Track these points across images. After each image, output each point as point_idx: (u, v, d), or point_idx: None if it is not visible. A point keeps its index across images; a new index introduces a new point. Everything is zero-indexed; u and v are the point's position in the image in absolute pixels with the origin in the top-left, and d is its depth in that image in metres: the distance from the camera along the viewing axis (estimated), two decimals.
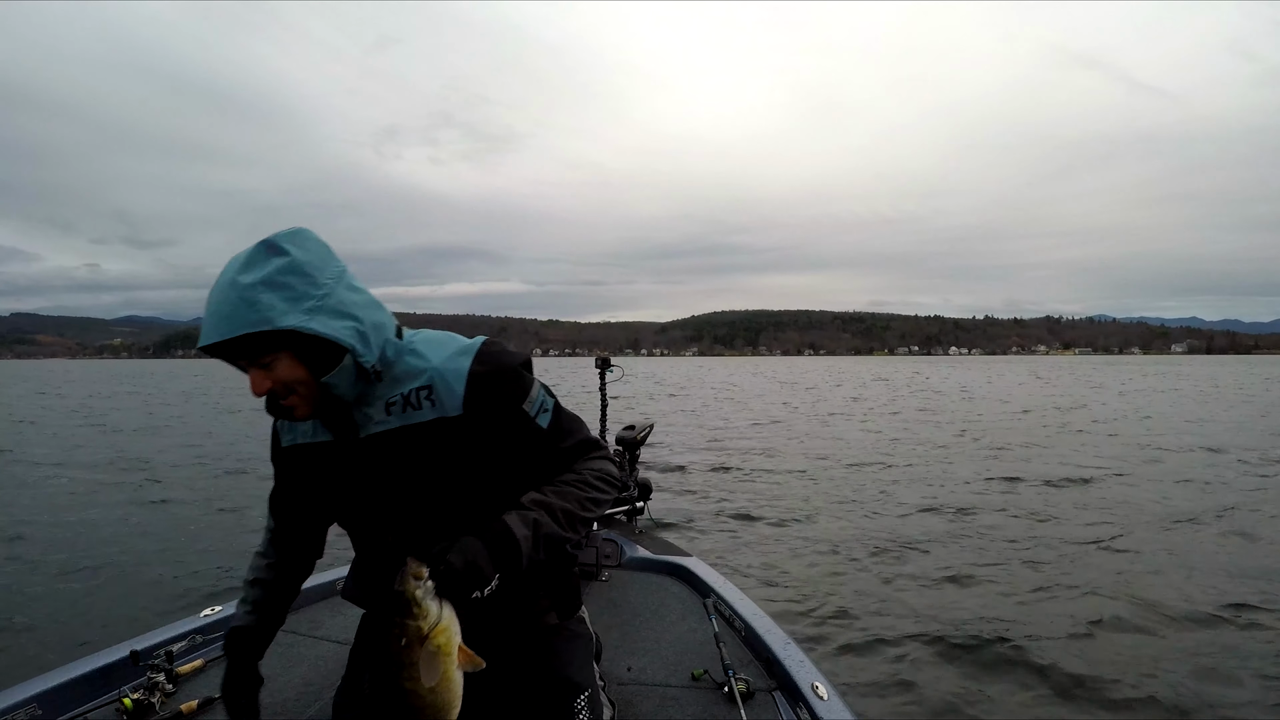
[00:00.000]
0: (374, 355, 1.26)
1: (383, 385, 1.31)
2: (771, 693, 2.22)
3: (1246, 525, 7.38)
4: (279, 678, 2.35)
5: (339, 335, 1.19)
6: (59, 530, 7.50)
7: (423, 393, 1.30)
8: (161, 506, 8.77)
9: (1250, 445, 13.72)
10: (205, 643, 2.51)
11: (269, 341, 1.17)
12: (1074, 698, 3.74)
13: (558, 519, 1.28)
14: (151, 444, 15.26)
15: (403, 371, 1.32)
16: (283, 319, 1.13)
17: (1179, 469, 11.07)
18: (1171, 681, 3.87)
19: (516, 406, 1.33)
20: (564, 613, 1.58)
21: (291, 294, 1.15)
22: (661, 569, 3.32)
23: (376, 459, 1.33)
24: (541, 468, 1.38)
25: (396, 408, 1.30)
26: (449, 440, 1.30)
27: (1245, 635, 4.50)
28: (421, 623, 1.07)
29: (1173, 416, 20.62)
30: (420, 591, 1.07)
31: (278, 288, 1.14)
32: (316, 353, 1.21)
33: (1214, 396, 29.99)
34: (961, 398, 29.56)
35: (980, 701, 3.72)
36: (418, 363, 1.32)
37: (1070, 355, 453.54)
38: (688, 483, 10.28)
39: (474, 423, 1.30)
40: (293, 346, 1.19)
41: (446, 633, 1.09)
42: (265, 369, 1.20)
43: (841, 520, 7.82)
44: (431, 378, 1.30)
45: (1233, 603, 5.03)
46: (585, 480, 1.37)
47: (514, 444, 1.35)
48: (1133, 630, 4.59)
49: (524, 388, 1.35)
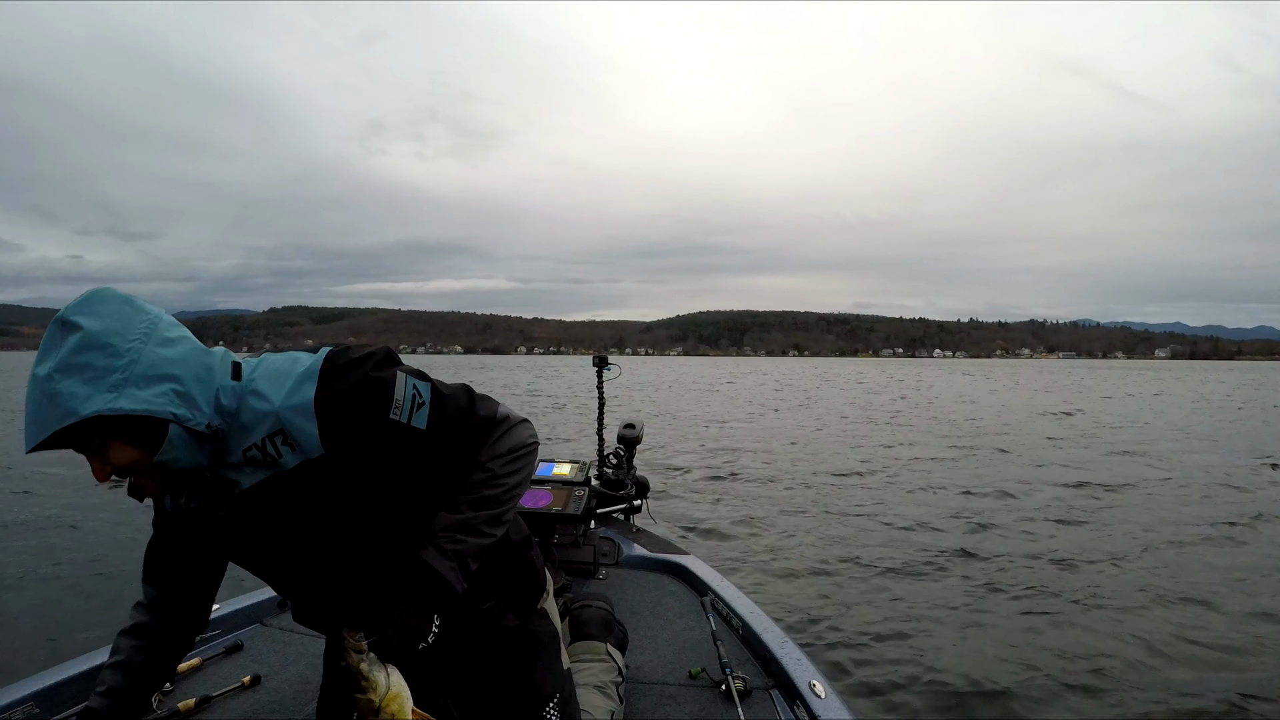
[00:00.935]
0: (205, 414, 1.11)
1: (235, 437, 1.16)
2: (769, 691, 2.24)
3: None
4: (276, 676, 2.35)
5: (153, 407, 1.04)
6: (56, 529, 7.39)
7: (277, 439, 1.15)
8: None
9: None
10: (202, 641, 2.51)
11: (86, 433, 1.04)
12: (1072, 698, 3.76)
13: (479, 532, 1.22)
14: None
15: (250, 419, 1.15)
16: (85, 406, 1.00)
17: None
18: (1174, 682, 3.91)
19: (383, 419, 1.17)
20: (523, 611, 1.47)
21: (91, 374, 1.01)
22: (659, 567, 3.33)
23: (260, 515, 1.21)
24: (445, 460, 1.25)
25: (256, 460, 1.16)
26: (323, 483, 1.17)
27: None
28: (372, 695, 1.10)
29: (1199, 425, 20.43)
30: (365, 665, 1.09)
31: (75, 371, 1.01)
32: (141, 428, 1.07)
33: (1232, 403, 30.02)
34: (960, 401, 29.58)
35: (978, 700, 3.75)
36: (261, 405, 1.15)
37: (1054, 359, 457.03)
38: (685, 481, 10.27)
39: (342, 456, 1.16)
40: (112, 430, 1.05)
41: (398, 700, 1.12)
42: (100, 456, 1.07)
43: (839, 520, 7.84)
44: (279, 421, 1.14)
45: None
46: (495, 476, 1.25)
47: (399, 457, 1.21)
48: (1136, 632, 4.60)
49: (384, 396, 1.17)
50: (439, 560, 1.18)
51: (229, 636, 2.60)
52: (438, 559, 1.18)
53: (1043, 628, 4.65)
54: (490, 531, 1.25)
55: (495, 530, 1.26)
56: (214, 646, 2.51)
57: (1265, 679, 3.93)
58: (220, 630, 2.60)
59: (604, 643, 2.22)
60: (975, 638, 4.50)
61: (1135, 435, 16.55)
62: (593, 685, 2.01)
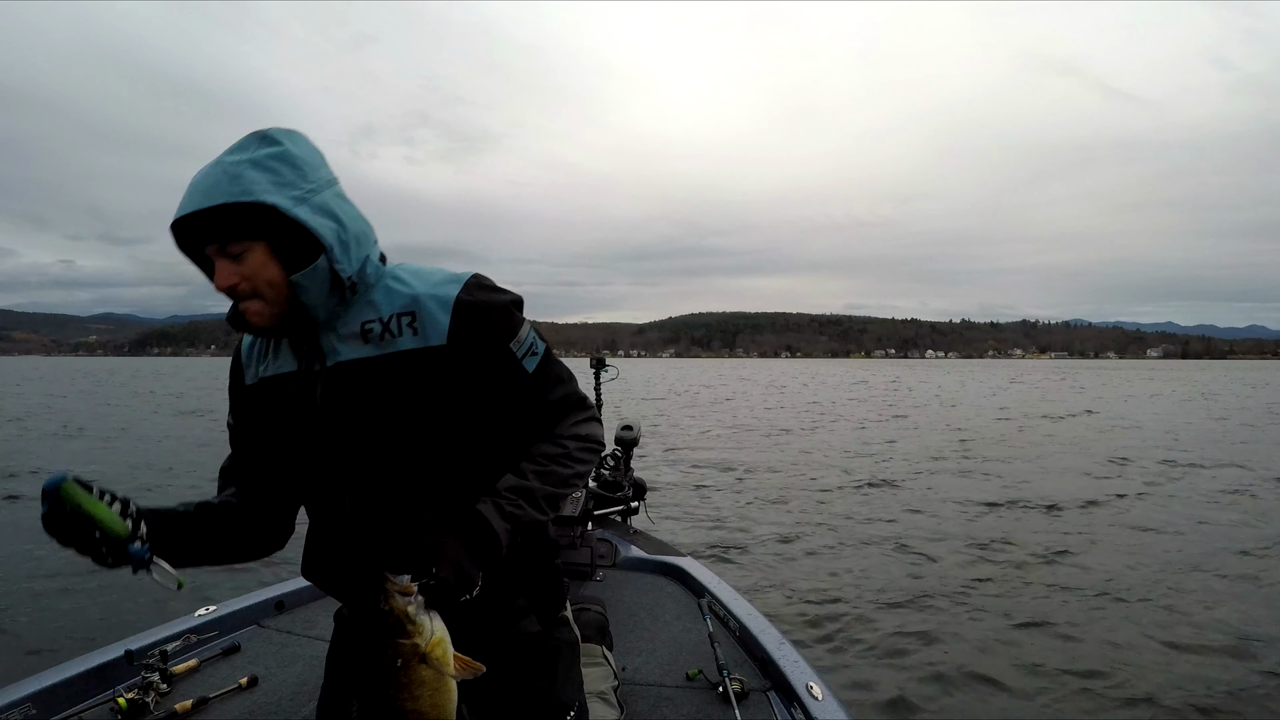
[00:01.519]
0: (352, 266, 1.14)
1: (357, 308, 1.19)
2: (766, 693, 2.24)
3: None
4: (273, 677, 2.34)
5: (318, 230, 1.08)
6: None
7: (404, 319, 1.17)
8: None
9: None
10: (200, 642, 2.51)
11: (244, 226, 1.06)
12: (1071, 699, 3.77)
13: (538, 505, 1.19)
14: (154, 445, 15.02)
15: (382, 295, 1.19)
16: (266, 195, 1.03)
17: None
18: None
19: (503, 345, 1.20)
20: (545, 616, 1.39)
21: (279, 179, 1.06)
22: (656, 569, 3.33)
23: (344, 391, 1.18)
24: (523, 417, 1.25)
25: (374, 334, 1.17)
26: (429, 372, 1.17)
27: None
28: (418, 639, 1.00)
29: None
30: (412, 608, 1.01)
31: (265, 169, 1.06)
32: (293, 251, 1.09)
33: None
34: (952, 404, 29.55)
35: (975, 701, 3.76)
36: (400, 288, 1.19)
37: (1046, 359, 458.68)
38: (682, 483, 10.30)
39: (457, 356, 1.17)
40: (269, 238, 1.08)
41: (443, 645, 1.03)
42: (235, 260, 1.08)
43: (836, 521, 7.87)
44: (415, 303, 1.17)
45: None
46: (569, 454, 1.24)
47: (496, 386, 1.21)
48: (1140, 635, 4.60)
49: (513, 325, 1.22)
50: (496, 518, 1.13)
51: (226, 638, 2.59)
52: (495, 516, 1.13)
53: (1043, 629, 4.65)
54: (546, 510, 1.20)
55: (549, 511, 1.21)
56: (211, 648, 2.50)
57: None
58: (217, 631, 2.60)
59: (600, 646, 2.22)
60: (974, 638, 4.51)
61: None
62: (594, 693, 2.01)
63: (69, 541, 1.00)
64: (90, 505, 1.00)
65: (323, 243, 1.09)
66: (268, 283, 1.10)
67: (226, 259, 1.08)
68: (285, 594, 2.92)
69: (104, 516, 1.01)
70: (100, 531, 1.01)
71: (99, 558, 1.03)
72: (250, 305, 1.12)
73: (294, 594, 2.95)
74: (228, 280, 1.09)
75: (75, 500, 0.99)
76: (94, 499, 1.01)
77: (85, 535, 1.00)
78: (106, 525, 1.01)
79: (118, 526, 1.02)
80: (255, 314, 1.13)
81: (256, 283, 1.10)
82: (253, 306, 1.12)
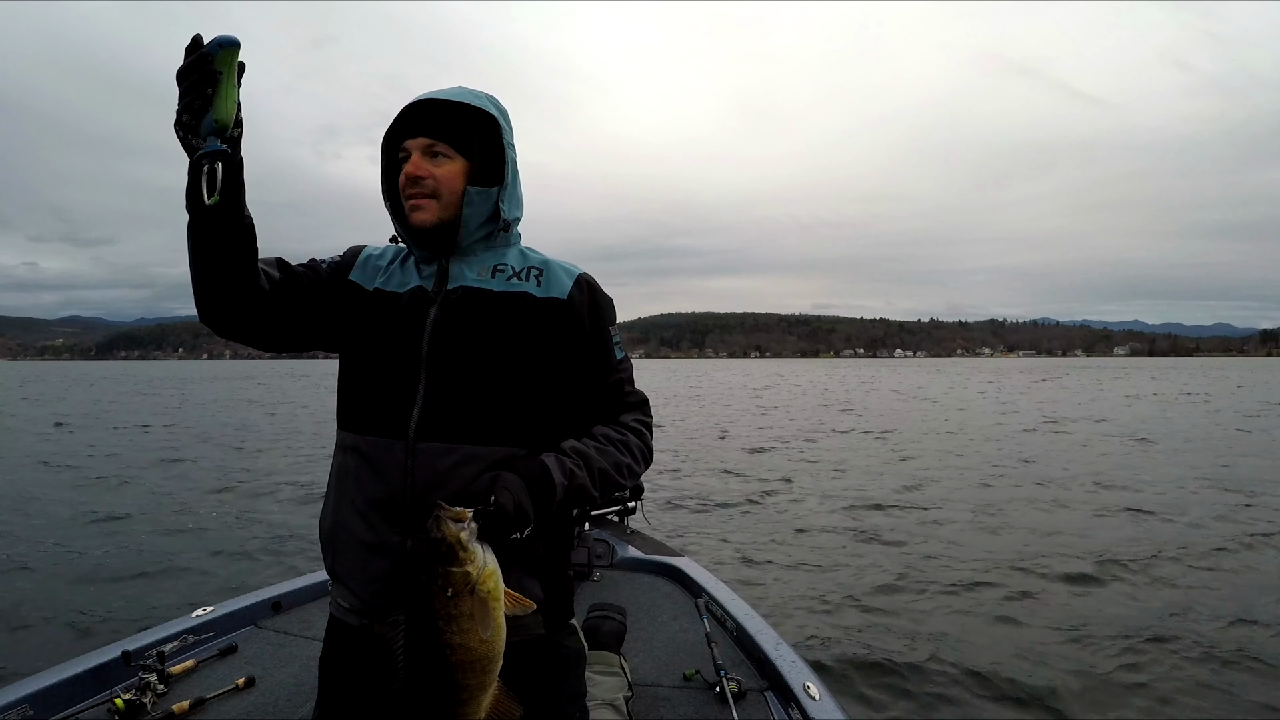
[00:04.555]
0: (510, 213, 1.34)
1: (494, 251, 1.36)
2: (763, 693, 2.27)
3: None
4: (270, 678, 2.35)
5: (512, 164, 1.33)
6: (50, 530, 7.33)
7: (534, 271, 1.35)
8: (158, 509, 8.58)
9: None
10: (197, 643, 2.50)
11: (461, 137, 1.27)
12: (1071, 699, 3.78)
13: (594, 477, 1.24)
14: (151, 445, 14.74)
15: (515, 255, 1.37)
16: (492, 110, 1.29)
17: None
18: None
19: (606, 325, 1.37)
20: (554, 620, 1.34)
21: (506, 122, 1.32)
22: (653, 569, 3.36)
23: (459, 314, 1.28)
24: (595, 395, 1.36)
25: (504, 275, 1.33)
26: (542, 320, 1.30)
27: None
28: (470, 567, 0.97)
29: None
30: (465, 534, 0.97)
31: (501, 113, 1.32)
32: (485, 168, 1.30)
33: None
34: (950, 405, 29.11)
35: (974, 701, 3.78)
36: (532, 254, 1.39)
37: (1015, 358, 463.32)
38: (679, 483, 10.30)
39: (571, 315, 1.32)
40: (474, 149, 1.28)
41: (494, 576, 1.01)
42: (434, 160, 1.26)
43: (833, 521, 7.89)
44: (545, 265, 1.36)
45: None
46: (629, 444, 1.33)
47: (587, 357, 1.34)
48: (1141, 638, 4.54)
49: (614, 316, 1.40)
50: (556, 470, 1.18)
51: (223, 639, 2.59)
52: (556, 468, 1.19)
53: (1042, 630, 4.67)
54: (597, 485, 1.24)
55: (598, 490, 1.25)
56: (209, 648, 2.50)
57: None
58: (215, 632, 2.60)
59: (619, 655, 2.23)
60: (973, 638, 4.53)
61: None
62: (606, 702, 2.01)
63: (184, 83, 1.04)
64: (228, 76, 1.05)
65: (504, 179, 1.30)
66: (451, 190, 1.27)
67: (428, 156, 1.26)
68: (282, 595, 2.92)
69: (229, 94, 1.06)
70: (212, 99, 1.04)
71: (189, 109, 1.05)
72: (425, 202, 1.27)
73: (291, 595, 2.95)
74: (422, 170, 1.26)
75: (224, 65, 1.04)
76: (235, 81, 1.07)
77: (200, 89, 1.04)
78: (222, 99, 1.05)
79: (226, 113, 1.06)
80: (425, 210, 1.27)
81: (441, 185, 1.26)
82: (427, 204, 1.27)
